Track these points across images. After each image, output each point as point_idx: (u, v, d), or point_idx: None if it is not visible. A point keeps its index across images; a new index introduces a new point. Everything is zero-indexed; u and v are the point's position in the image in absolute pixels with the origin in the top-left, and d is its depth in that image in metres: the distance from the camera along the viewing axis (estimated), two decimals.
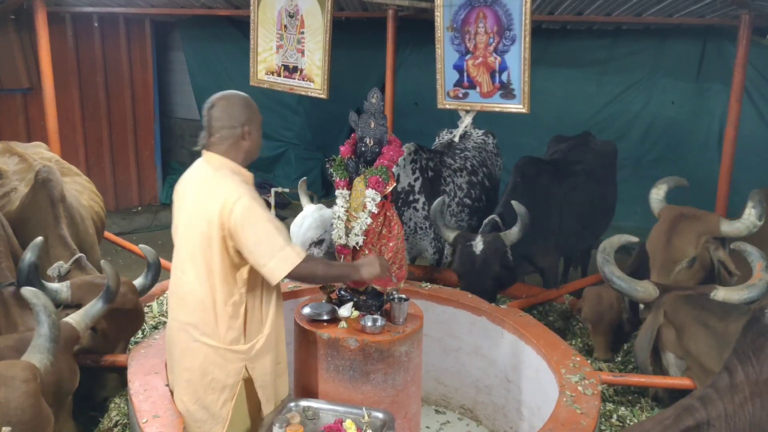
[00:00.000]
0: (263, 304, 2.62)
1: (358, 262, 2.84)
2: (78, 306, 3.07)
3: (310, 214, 3.97)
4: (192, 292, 2.52)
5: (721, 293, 3.16)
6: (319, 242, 3.91)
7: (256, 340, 2.59)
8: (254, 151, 2.63)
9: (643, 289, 3.27)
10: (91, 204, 4.52)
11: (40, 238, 3.28)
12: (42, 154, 4.84)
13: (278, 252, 2.44)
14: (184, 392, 2.60)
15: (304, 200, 4.33)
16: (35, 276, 3.12)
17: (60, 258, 3.56)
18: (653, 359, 3.31)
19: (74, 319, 2.85)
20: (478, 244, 4.09)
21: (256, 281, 2.56)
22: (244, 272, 2.51)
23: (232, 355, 2.55)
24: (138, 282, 3.58)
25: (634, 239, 3.61)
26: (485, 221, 4.46)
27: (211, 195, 2.46)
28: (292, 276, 2.49)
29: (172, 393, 2.74)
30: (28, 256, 3.14)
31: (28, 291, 2.51)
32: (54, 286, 3.16)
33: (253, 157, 2.64)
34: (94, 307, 2.94)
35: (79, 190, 4.50)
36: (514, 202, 4.09)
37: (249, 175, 2.61)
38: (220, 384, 2.55)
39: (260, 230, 2.43)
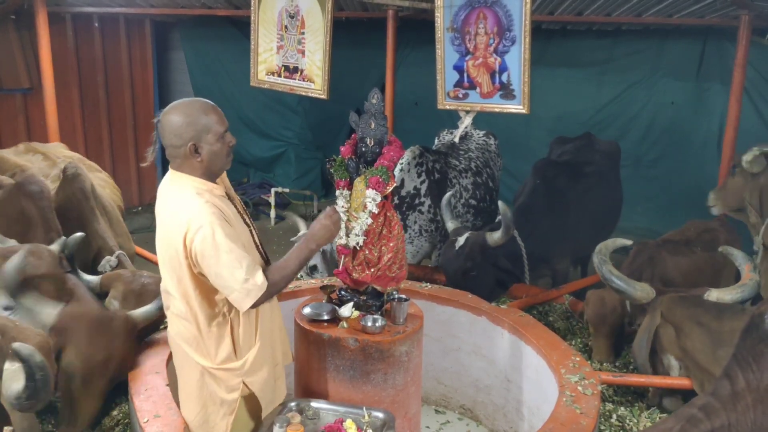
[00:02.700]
0: (250, 318, 2.51)
1: (308, 235, 2.62)
2: (105, 293, 3.50)
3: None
4: (178, 313, 2.45)
5: (714, 294, 3.24)
6: (312, 269, 4.01)
7: (249, 353, 2.51)
8: (213, 164, 2.40)
9: (641, 290, 3.30)
10: (114, 197, 4.65)
11: (80, 234, 3.56)
12: (64, 153, 4.96)
13: (239, 285, 2.31)
14: (187, 399, 2.57)
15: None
16: (73, 268, 3.43)
17: (99, 248, 3.82)
18: (652, 360, 3.33)
19: (135, 313, 3.22)
20: (460, 241, 4.11)
21: None
22: (221, 293, 2.40)
23: (226, 374, 2.48)
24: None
25: (628, 242, 3.65)
26: (497, 221, 4.48)
27: (175, 222, 2.32)
28: (259, 303, 2.39)
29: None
30: (67, 251, 3.44)
31: None
32: (87, 277, 3.50)
33: (216, 170, 2.43)
34: (150, 308, 3.26)
35: (102, 185, 4.63)
36: (500, 204, 4.10)
37: (218, 188, 2.45)
38: (219, 398, 2.50)
39: (220, 262, 2.28)
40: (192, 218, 2.28)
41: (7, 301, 2.93)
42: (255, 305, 2.37)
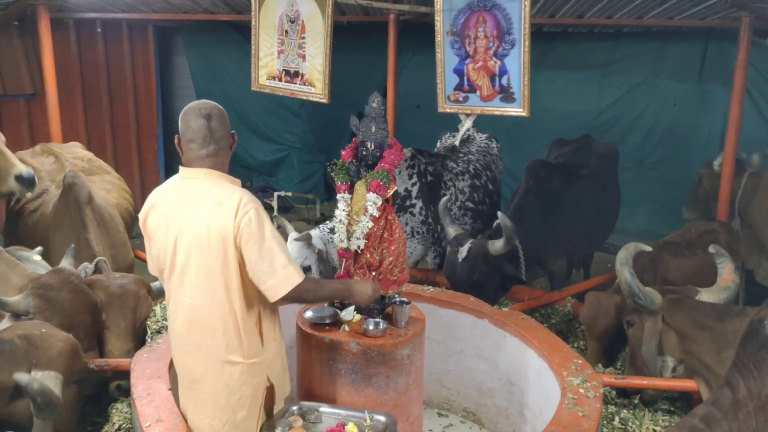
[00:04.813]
0: (272, 311, 2.60)
1: (351, 283, 2.82)
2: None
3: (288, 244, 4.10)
4: (209, 313, 2.43)
5: (704, 295, 3.34)
6: (305, 269, 4.05)
7: (270, 347, 2.59)
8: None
9: (658, 300, 3.30)
10: (120, 201, 4.68)
11: (73, 246, 3.65)
12: (76, 153, 4.99)
13: (280, 270, 2.39)
14: (210, 415, 2.52)
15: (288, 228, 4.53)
16: None
17: (85, 260, 3.75)
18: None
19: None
20: (463, 252, 4.11)
21: None
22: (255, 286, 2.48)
23: (255, 368, 2.52)
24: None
25: (648, 248, 3.65)
26: (494, 224, 4.48)
27: (223, 209, 2.36)
28: (288, 296, 2.44)
29: (177, 402, 2.74)
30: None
31: None
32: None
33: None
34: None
35: (109, 189, 4.66)
36: (499, 215, 4.09)
37: (238, 182, 2.53)
38: (249, 399, 2.52)
39: (264, 246, 2.37)
40: (241, 203, 2.36)
41: None
42: (285, 299, 2.43)
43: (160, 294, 3.64)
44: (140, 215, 2.54)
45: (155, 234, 2.49)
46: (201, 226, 2.38)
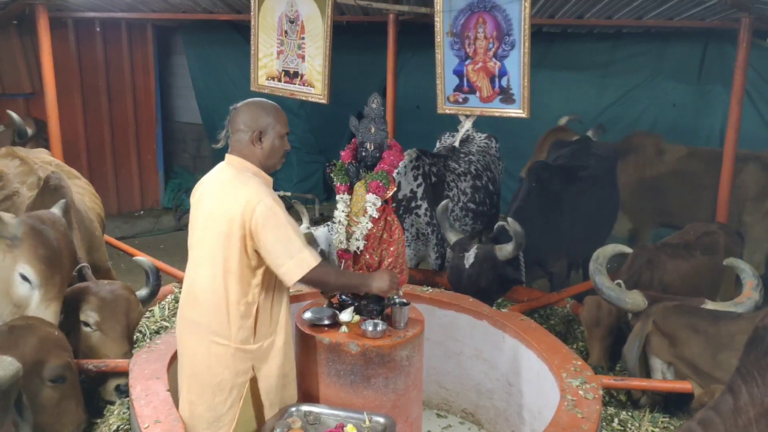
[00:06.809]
0: (274, 306, 2.66)
1: (370, 274, 2.87)
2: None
3: None
4: (205, 290, 2.56)
5: (710, 306, 3.29)
6: None
7: (264, 341, 2.62)
8: (270, 158, 2.67)
9: (632, 300, 3.32)
10: (92, 206, 4.62)
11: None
12: (43, 158, 4.89)
13: (296, 254, 2.50)
14: (193, 393, 2.62)
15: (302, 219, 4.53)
16: None
17: None
18: (640, 363, 3.36)
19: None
20: (470, 257, 4.10)
21: (270, 283, 2.62)
22: (259, 274, 2.56)
23: (241, 354, 2.57)
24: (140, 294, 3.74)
25: (628, 250, 3.65)
26: (495, 226, 4.47)
27: (234, 195, 2.51)
28: (305, 279, 2.55)
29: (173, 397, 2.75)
30: None
31: None
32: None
33: (270, 164, 2.68)
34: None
35: (81, 193, 4.59)
36: (510, 220, 4.09)
37: (269, 179, 2.67)
38: (229, 384, 2.58)
39: (280, 232, 2.49)
40: (252, 193, 2.50)
41: None
42: (306, 283, 2.56)
43: (143, 301, 3.72)
44: (192, 193, 2.76)
45: (192, 208, 2.70)
46: (215, 207, 2.55)
